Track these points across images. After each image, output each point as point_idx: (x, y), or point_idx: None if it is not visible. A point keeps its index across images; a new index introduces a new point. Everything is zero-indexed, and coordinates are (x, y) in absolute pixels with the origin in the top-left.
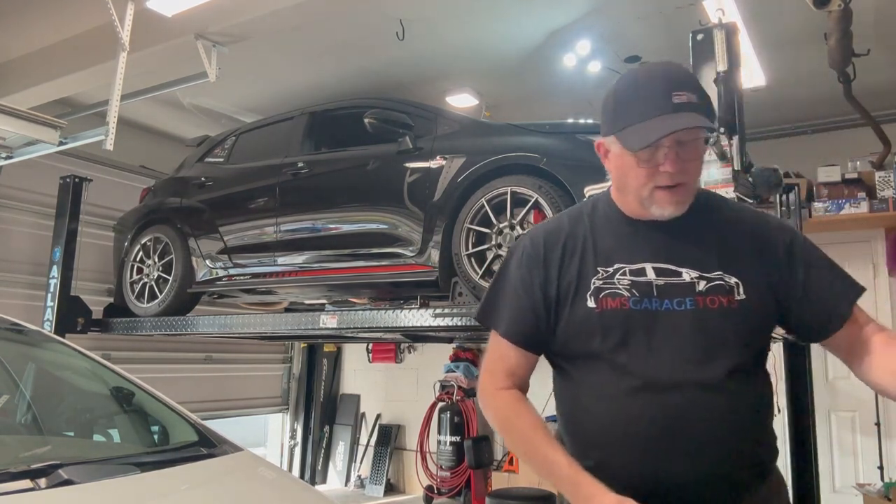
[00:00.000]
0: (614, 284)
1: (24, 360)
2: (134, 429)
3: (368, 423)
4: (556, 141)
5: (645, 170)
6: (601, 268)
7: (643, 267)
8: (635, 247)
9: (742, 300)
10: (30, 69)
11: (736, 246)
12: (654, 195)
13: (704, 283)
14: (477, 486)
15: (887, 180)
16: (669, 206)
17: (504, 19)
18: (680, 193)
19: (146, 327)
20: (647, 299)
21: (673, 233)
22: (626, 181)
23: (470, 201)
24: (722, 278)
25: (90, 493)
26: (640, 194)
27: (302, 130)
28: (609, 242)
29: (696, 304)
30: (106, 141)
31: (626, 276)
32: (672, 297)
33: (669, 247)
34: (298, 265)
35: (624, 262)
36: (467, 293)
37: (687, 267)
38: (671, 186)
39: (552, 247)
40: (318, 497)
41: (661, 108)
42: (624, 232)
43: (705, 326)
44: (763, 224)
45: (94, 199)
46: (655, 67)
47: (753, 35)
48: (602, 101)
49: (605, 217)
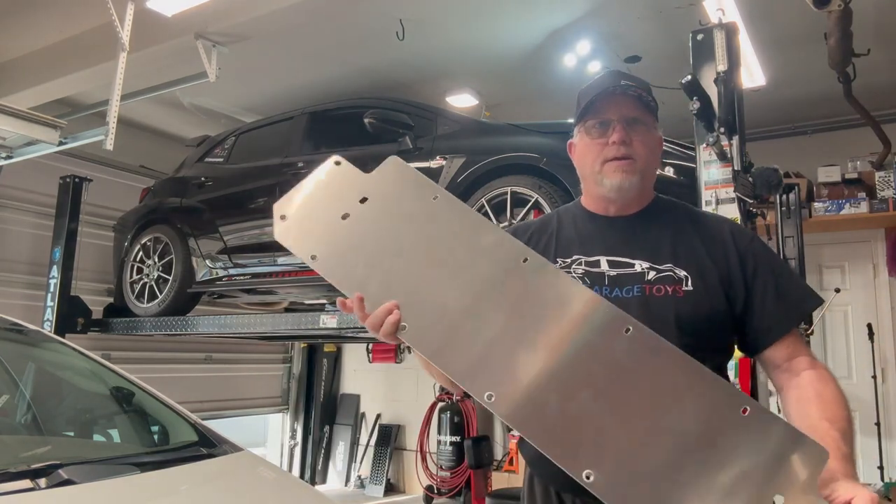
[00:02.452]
0: (570, 273)
1: (24, 360)
2: (134, 429)
3: (368, 423)
4: (556, 141)
5: (597, 144)
6: (560, 258)
7: (598, 259)
8: (593, 240)
9: (689, 290)
10: (30, 69)
11: (690, 243)
12: (604, 168)
13: (654, 273)
14: (477, 486)
15: (887, 180)
16: (617, 175)
17: (504, 19)
18: (627, 165)
19: (146, 327)
20: (597, 287)
21: (631, 228)
22: (584, 162)
23: (470, 201)
24: (672, 270)
25: (90, 493)
26: (594, 170)
27: (302, 130)
28: (570, 236)
29: (643, 292)
30: (106, 141)
31: (582, 266)
32: (622, 285)
33: (626, 240)
34: (298, 265)
35: (581, 254)
36: None
37: (640, 259)
38: (620, 159)
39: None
40: (318, 497)
41: (608, 88)
42: (584, 227)
43: (648, 312)
44: (722, 228)
45: (94, 199)
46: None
47: (753, 35)
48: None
49: (571, 214)
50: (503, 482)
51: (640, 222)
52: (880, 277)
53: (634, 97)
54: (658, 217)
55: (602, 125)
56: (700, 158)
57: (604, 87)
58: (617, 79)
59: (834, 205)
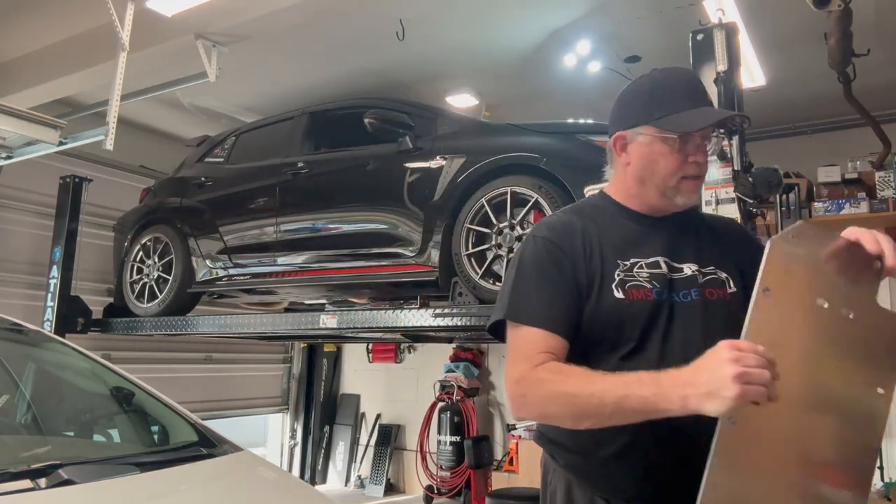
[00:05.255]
0: (635, 276)
1: (24, 360)
2: (134, 429)
3: (368, 423)
4: (556, 141)
5: (678, 158)
6: (620, 260)
7: (657, 260)
8: (646, 241)
9: (733, 292)
10: (30, 69)
11: (718, 244)
12: (680, 185)
13: (702, 276)
14: (477, 486)
15: (887, 180)
16: (693, 195)
17: (504, 19)
18: (700, 184)
19: (146, 327)
20: (666, 291)
21: (672, 229)
22: (654, 169)
23: (470, 201)
24: (715, 272)
25: (90, 493)
26: (666, 183)
27: (302, 130)
28: (620, 237)
29: (702, 295)
30: (106, 141)
31: (644, 269)
32: (679, 290)
33: (671, 242)
34: (298, 265)
35: (639, 256)
36: (467, 293)
37: (686, 262)
38: (696, 177)
39: (571, 237)
40: (318, 497)
41: (699, 102)
42: (632, 228)
43: (709, 317)
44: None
45: (94, 199)
46: (680, 69)
47: (753, 35)
48: (620, 100)
49: (610, 214)
50: (503, 482)
51: (675, 225)
52: None
53: (722, 121)
54: (683, 219)
55: (685, 138)
56: None
57: (694, 97)
58: (702, 91)
59: (834, 205)
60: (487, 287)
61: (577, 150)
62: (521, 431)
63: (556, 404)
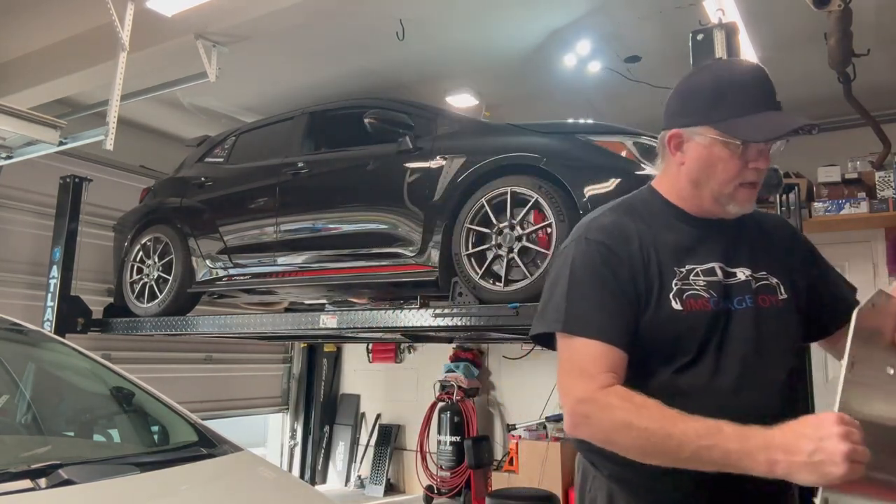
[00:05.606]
0: (692, 285)
1: (24, 360)
2: (134, 429)
3: (368, 423)
4: (556, 141)
5: (737, 164)
6: (676, 268)
7: (713, 266)
8: (702, 246)
9: (785, 299)
10: (30, 69)
11: (769, 246)
12: (736, 192)
13: (755, 282)
14: (477, 486)
15: (887, 180)
16: (748, 203)
17: (504, 19)
18: (755, 193)
19: (146, 327)
20: (723, 300)
21: (727, 233)
22: (711, 174)
23: (470, 201)
24: (767, 278)
25: (90, 493)
26: (722, 189)
27: (302, 130)
28: (675, 241)
29: (756, 303)
30: (106, 141)
31: (700, 277)
32: (733, 296)
33: (726, 247)
34: (298, 265)
35: (694, 263)
36: (467, 293)
37: (740, 266)
38: (753, 184)
39: (627, 242)
40: (318, 497)
41: (769, 104)
42: (687, 231)
43: (763, 326)
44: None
45: (94, 199)
46: (747, 63)
47: (753, 35)
48: (679, 93)
49: (663, 215)
50: (503, 482)
51: (729, 227)
52: (881, 277)
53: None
54: (737, 220)
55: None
56: None
57: (764, 99)
58: (771, 91)
59: (834, 205)
60: (487, 287)
61: (577, 150)
62: (521, 431)
63: (627, 436)
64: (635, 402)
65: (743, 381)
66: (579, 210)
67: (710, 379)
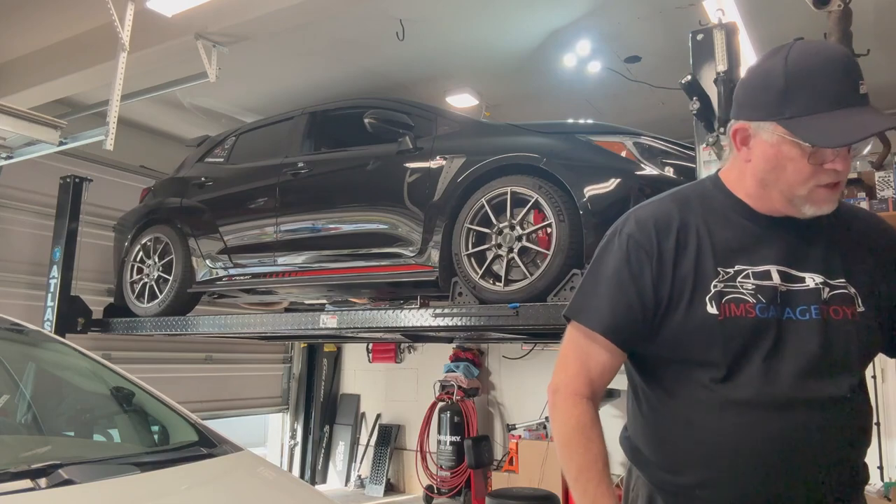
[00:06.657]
0: (737, 288)
1: (25, 360)
2: (134, 429)
3: (368, 423)
4: (556, 141)
5: (812, 165)
6: (721, 268)
7: (768, 270)
8: (759, 246)
9: (862, 312)
10: (30, 69)
11: (853, 249)
12: (813, 193)
13: (828, 290)
14: (477, 486)
15: (887, 180)
16: (826, 204)
17: (504, 19)
18: (837, 192)
19: (146, 327)
20: (772, 307)
21: (799, 232)
22: (779, 174)
23: (470, 201)
24: (846, 286)
25: (90, 493)
26: (794, 191)
27: (302, 130)
28: (728, 239)
29: (822, 314)
30: (106, 141)
31: (750, 280)
32: (796, 304)
33: (795, 248)
34: (298, 265)
35: (746, 264)
36: (467, 293)
37: (811, 272)
38: (833, 185)
39: (664, 236)
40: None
41: (849, 100)
42: (746, 228)
43: (831, 340)
44: (877, 223)
45: (94, 199)
46: (827, 48)
47: (753, 35)
48: (748, 80)
49: (722, 207)
50: (503, 482)
51: (801, 225)
52: None
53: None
54: (820, 218)
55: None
56: (700, 158)
57: (844, 94)
58: (855, 82)
59: None
60: (487, 287)
61: (577, 150)
62: (521, 431)
63: (561, 444)
64: (585, 437)
65: (796, 399)
66: (579, 210)
67: (756, 397)
